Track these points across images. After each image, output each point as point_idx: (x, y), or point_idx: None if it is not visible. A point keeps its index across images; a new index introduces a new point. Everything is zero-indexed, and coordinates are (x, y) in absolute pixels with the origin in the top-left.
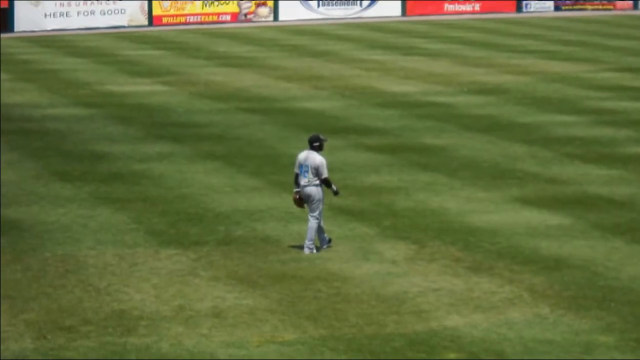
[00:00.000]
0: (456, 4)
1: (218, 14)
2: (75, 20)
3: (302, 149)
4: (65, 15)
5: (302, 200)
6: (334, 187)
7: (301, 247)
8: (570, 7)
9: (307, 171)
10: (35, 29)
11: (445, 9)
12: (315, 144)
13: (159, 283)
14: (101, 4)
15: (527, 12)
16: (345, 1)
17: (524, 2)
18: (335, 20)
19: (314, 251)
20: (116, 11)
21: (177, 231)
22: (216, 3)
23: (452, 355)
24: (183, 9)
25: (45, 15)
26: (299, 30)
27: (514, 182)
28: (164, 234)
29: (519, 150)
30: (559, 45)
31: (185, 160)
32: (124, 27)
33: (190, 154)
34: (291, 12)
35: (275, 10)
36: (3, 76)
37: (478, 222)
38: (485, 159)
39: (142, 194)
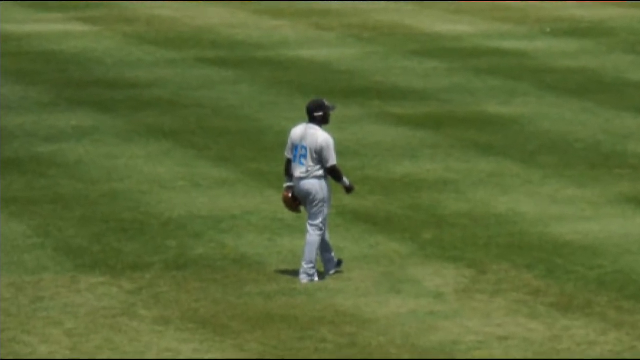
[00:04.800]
0: None
1: None
2: None
3: (297, 122)
4: None
5: (297, 201)
6: (345, 180)
7: (296, 273)
8: None
9: (304, 156)
10: None
11: None
12: (317, 114)
13: (77, 328)
14: None
15: None
16: None
17: None
18: None
19: (316, 279)
20: None
21: (105, 248)
22: None
23: None
24: None
25: None
26: None
27: (624, 172)
28: (84, 252)
29: (631, 124)
30: None
31: (116, 138)
32: None
33: (124, 129)
34: None
35: None
36: None
37: (568, 235)
38: (579, 136)
39: (50, 191)
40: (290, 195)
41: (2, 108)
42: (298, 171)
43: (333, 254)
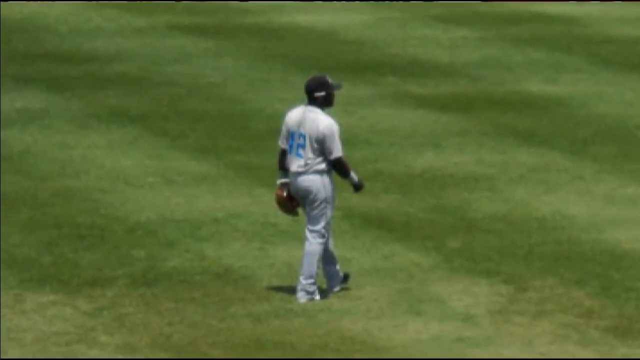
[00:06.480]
0: None
1: None
2: None
3: (293, 104)
4: None
5: (294, 201)
6: (353, 176)
7: (292, 290)
8: None
9: (302, 146)
10: None
11: None
12: (319, 95)
13: (23, 357)
14: None
15: None
16: None
17: None
18: None
19: (316, 297)
20: None
21: (57, 259)
22: None
23: None
24: None
25: None
26: None
27: None
28: (32, 264)
29: None
30: None
31: (71, 124)
32: None
33: (80, 112)
34: None
35: None
36: None
37: (627, 243)
38: None
39: None
40: (285, 194)
41: None
42: (295, 165)
43: (338, 267)
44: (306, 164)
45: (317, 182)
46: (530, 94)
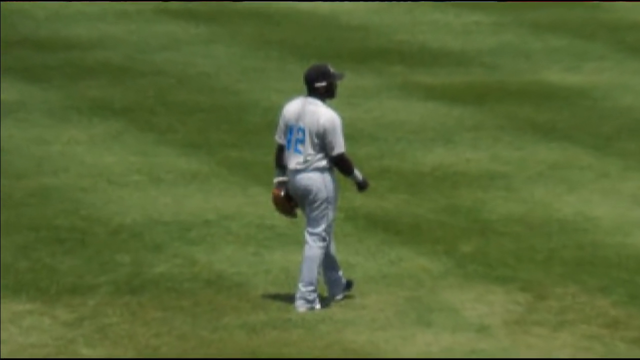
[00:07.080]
0: None
1: None
2: None
3: (292, 95)
4: None
5: (293, 201)
6: (357, 174)
7: (290, 299)
8: None
9: (301, 141)
10: None
11: None
12: (319, 85)
13: None
14: None
15: None
16: None
17: None
18: None
19: (317, 306)
20: None
21: (34, 265)
22: None
23: None
24: None
25: None
26: None
27: None
28: (7, 270)
29: None
30: None
31: (49, 117)
32: None
33: (60, 104)
34: None
35: None
36: None
37: None
38: None
39: None
40: (283, 193)
41: None
42: (294, 161)
43: (341, 273)
44: (306, 161)
45: (317, 181)
46: (550, 85)
